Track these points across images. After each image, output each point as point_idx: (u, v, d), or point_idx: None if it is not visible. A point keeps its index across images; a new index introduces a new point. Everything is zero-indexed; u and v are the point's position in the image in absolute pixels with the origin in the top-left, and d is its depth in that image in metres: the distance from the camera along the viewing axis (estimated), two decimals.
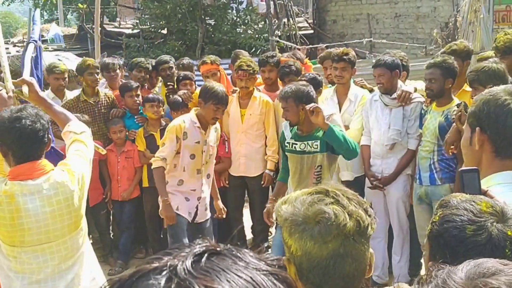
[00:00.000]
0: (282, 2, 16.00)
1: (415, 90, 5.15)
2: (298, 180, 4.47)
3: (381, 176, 5.13)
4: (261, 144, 5.80)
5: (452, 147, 4.24)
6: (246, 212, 6.40)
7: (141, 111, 6.01)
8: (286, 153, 4.61)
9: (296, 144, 4.46)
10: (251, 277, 0.74)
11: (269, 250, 5.16)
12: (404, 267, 5.26)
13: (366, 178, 5.27)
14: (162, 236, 5.98)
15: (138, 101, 5.96)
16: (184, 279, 0.71)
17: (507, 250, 1.51)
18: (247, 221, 6.35)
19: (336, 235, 1.46)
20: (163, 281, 0.72)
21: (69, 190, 3.00)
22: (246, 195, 6.24)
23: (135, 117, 5.99)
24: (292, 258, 1.52)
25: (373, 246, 5.15)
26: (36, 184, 2.93)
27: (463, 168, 1.88)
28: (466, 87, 4.90)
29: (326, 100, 5.52)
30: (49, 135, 3.07)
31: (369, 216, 1.52)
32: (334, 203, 1.49)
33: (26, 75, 3.65)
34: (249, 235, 6.40)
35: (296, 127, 4.49)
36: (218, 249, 0.78)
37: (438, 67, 4.67)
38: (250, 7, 15.21)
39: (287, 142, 4.53)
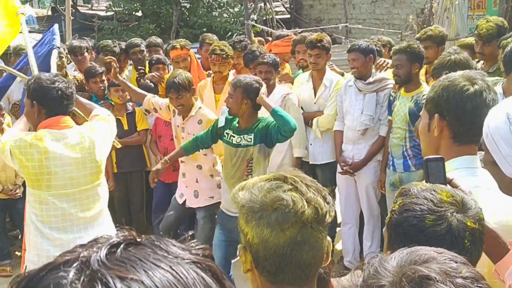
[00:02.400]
0: None
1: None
2: (230, 172, 4.47)
3: (352, 162, 5.13)
4: None
5: None
6: None
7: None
8: (224, 144, 4.55)
9: (234, 137, 4.44)
10: (170, 266, 0.70)
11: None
12: (376, 253, 5.26)
13: (337, 164, 5.27)
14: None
15: (103, 87, 5.80)
16: (97, 270, 0.67)
17: (466, 241, 1.51)
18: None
19: (294, 222, 1.42)
20: (71, 273, 0.67)
21: (90, 140, 3.42)
22: None
23: (100, 102, 5.85)
24: (248, 246, 1.49)
25: (344, 232, 5.20)
26: (62, 132, 3.37)
27: (428, 156, 1.86)
28: None
29: (302, 85, 5.51)
30: (74, 99, 3.52)
31: (328, 203, 1.48)
32: (293, 189, 1.46)
33: (33, 66, 4.13)
34: None
35: (237, 120, 4.45)
36: (138, 239, 0.73)
37: (404, 53, 4.69)
38: None
39: (226, 133, 4.49)
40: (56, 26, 4.94)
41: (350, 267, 5.22)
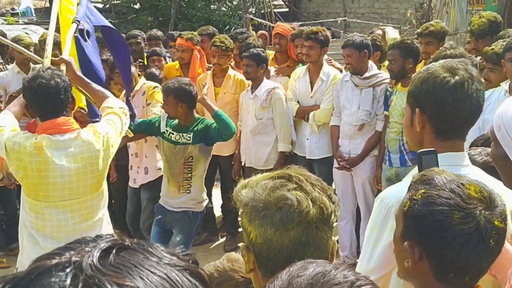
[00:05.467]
0: None
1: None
2: (169, 168, 4.61)
3: (348, 157, 5.12)
4: (235, 123, 5.72)
5: None
6: (217, 192, 6.36)
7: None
8: (162, 140, 4.65)
9: (173, 134, 4.58)
10: (165, 273, 0.69)
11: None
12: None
13: (334, 159, 5.27)
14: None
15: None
16: (92, 276, 0.65)
17: (491, 241, 1.45)
18: (217, 201, 6.31)
19: (298, 222, 1.39)
20: (68, 279, 0.65)
21: (94, 150, 3.16)
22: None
23: None
24: (251, 246, 1.45)
25: (341, 227, 5.22)
26: (64, 140, 3.11)
27: (422, 150, 1.81)
28: None
29: (298, 79, 5.50)
30: (70, 94, 3.21)
31: (333, 203, 1.45)
32: (297, 188, 1.42)
33: (65, 54, 3.66)
34: (218, 213, 6.36)
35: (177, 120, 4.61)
36: (126, 243, 0.72)
37: (397, 48, 4.72)
38: None
39: (166, 129, 4.61)
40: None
41: (347, 262, 5.22)
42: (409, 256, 1.50)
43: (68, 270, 0.66)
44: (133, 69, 5.08)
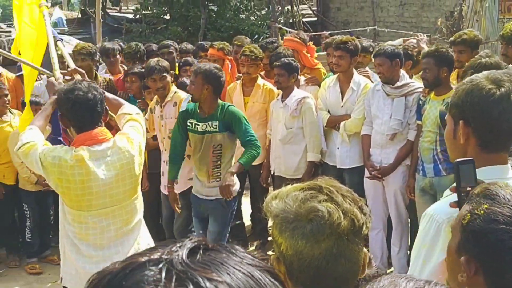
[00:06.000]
0: None
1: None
2: (199, 158, 4.67)
3: (380, 166, 5.09)
4: (264, 133, 5.75)
5: None
6: (246, 200, 6.37)
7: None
8: (188, 132, 4.73)
9: (199, 125, 4.62)
10: (249, 272, 0.73)
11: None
12: (403, 258, 5.23)
13: (365, 168, 5.23)
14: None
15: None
16: (183, 271, 0.70)
17: None
18: (247, 210, 6.32)
19: (329, 234, 1.38)
20: (163, 273, 0.70)
21: (130, 155, 3.27)
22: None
23: (138, 101, 5.92)
24: (281, 257, 1.44)
25: (372, 237, 5.18)
26: (102, 149, 3.19)
27: (459, 159, 1.76)
28: None
29: (329, 88, 5.49)
30: (104, 105, 3.31)
31: (364, 214, 1.43)
32: (328, 200, 1.41)
33: (72, 64, 4.03)
34: (248, 222, 6.37)
35: (198, 108, 4.64)
36: (210, 245, 0.77)
37: (431, 56, 4.65)
38: None
39: (190, 122, 4.67)
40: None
41: (379, 273, 5.17)
42: (464, 270, 1.45)
43: (161, 265, 0.71)
44: (168, 77, 5.16)
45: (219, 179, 4.61)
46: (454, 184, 1.71)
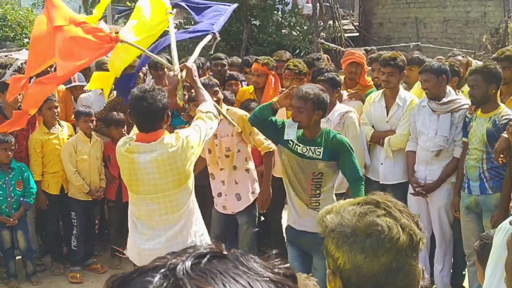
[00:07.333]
0: (328, 4, 15.90)
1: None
2: (293, 183, 4.34)
3: (424, 183, 5.03)
4: None
5: (501, 155, 4.13)
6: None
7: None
8: (286, 150, 4.35)
9: (299, 146, 4.29)
10: (248, 283, 0.73)
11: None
12: (446, 277, 5.15)
13: (409, 185, 5.18)
14: None
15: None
16: (180, 278, 0.72)
17: None
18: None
19: (389, 249, 1.38)
20: (156, 279, 0.73)
21: (173, 151, 3.65)
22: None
23: (181, 114, 6.00)
24: (338, 272, 1.44)
25: None
26: (150, 145, 3.69)
27: None
28: None
29: (374, 103, 5.46)
30: (167, 112, 3.77)
31: (420, 229, 1.44)
32: (386, 215, 1.42)
33: (190, 61, 4.36)
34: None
35: (302, 130, 4.31)
36: (224, 253, 0.77)
37: (480, 73, 4.58)
38: (296, 9, 15.15)
39: (291, 141, 4.30)
40: (232, 8, 5.29)
41: None
42: None
43: (162, 271, 0.74)
44: (220, 93, 5.18)
45: (318, 209, 4.14)
46: None
